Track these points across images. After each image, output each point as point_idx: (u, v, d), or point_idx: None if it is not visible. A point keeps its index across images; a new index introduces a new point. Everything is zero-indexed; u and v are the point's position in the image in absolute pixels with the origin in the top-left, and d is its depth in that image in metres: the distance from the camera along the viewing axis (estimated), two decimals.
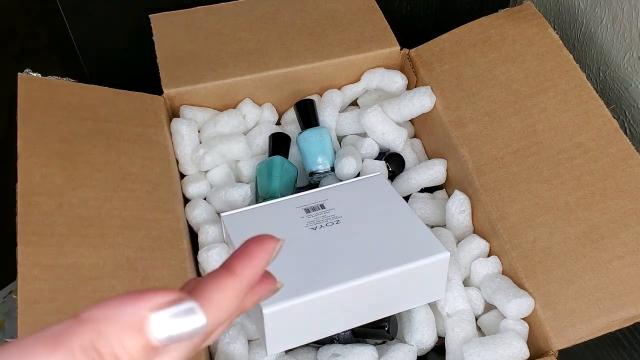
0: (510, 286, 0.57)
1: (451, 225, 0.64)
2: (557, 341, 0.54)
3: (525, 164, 0.62)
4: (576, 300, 0.55)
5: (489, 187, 0.62)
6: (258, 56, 0.72)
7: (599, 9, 0.77)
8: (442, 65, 0.71)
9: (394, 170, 0.70)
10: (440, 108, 0.68)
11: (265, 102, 0.74)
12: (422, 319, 0.58)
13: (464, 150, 0.65)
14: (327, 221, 0.58)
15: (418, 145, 0.74)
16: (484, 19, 0.73)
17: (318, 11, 0.77)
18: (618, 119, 0.76)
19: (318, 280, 0.52)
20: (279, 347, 0.53)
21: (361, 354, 0.56)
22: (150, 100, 0.68)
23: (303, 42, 0.74)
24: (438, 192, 0.70)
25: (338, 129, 0.73)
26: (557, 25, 0.85)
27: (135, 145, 0.63)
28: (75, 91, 0.65)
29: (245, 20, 0.76)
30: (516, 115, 0.65)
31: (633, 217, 0.58)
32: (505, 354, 0.54)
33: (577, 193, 0.60)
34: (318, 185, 0.68)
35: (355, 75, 0.75)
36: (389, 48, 0.74)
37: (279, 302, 0.50)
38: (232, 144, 0.68)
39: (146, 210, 0.59)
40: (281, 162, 0.66)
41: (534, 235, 0.58)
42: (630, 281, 0.55)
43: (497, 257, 0.61)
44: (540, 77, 0.67)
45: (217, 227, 0.62)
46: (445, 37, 0.73)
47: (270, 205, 0.61)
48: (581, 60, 0.81)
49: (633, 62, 0.73)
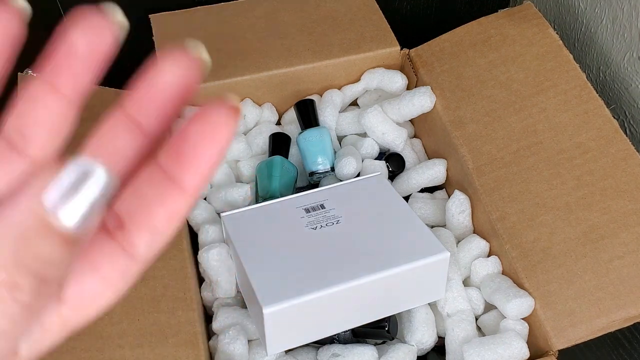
0: (510, 286, 0.57)
1: (451, 225, 0.64)
2: (557, 341, 0.54)
3: (525, 164, 0.62)
4: (576, 300, 0.55)
5: (489, 187, 0.62)
6: (258, 56, 0.72)
7: (599, 9, 0.77)
8: (442, 65, 0.71)
9: (394, 170, 0.70)
10: (440, 108, 0.68)
11: (265, 102, 0.74)
12: (422, 319, 0.58)
13: (464, 150, 0.65)
14: (327, 221, 0.58)
15: (418, 145, 0.74)
16: (484, 19, 0.73)
17: (318, 11, 0.77)
18: (618, 119, 0.76)
19: (318, 280, 0.52)
20: (279, 347, 0.53)
21: (361, 354, 0.56)
22: None
23: (303, 42, 0.74)
24: (438, 192, 0.70)
25: (338, 129, 0.73)
26: (557, 25, 0.85)
27: None
28: None
29: (245, 20, 0.76)
30: (516, 115, 0.65)
31: (633, 217, 0.58)
32: (505, 354, 0.54)
33: (577, 193, 0.60)
34: (318, 185, 0.68)
35: (355, 75, 0.75)
36: (389, 48, 0.74)
37: (279, 302, 0.50)
38: (232, 143, 0.68)
39: None
40: (281, 162, 0.66)
41: (534, 235, 0.58)
42: (630, 281, 0.55)
43: (497, 257, 0.61)
44: (540, 77, 0.67)
45: (217, 227, 0.62)
46: (445, 37, 0.73)
47: (270, 205, 0.61)
48: (581, 60, 0.81)
49: (633, 62, 0.73)
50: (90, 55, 0.19)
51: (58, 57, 0.19)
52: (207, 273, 0.60)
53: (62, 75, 0.19)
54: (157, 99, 0.20)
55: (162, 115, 0.20)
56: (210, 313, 0.60)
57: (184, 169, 0.19)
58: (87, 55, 0.19)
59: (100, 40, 0.19)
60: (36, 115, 0.19)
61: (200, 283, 0.61)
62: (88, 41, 0.19)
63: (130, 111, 0.20)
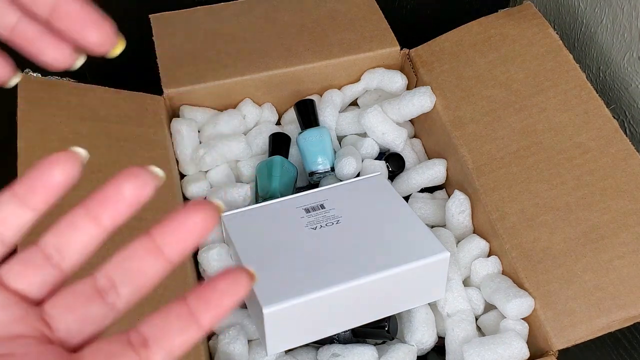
0: (510, 286, 0.57)
1: (451, 225, 0.64)
2: (557, 341, 0.54)
3: (525, 164, 0.62)
4: (576, 300, 0.55)
5: (489, 187, 0.62)
6: (258, 56, 0.72)
7: (599, 9, 0.77)
8: (442, 65, 0.71)
9: (394, 170, 0.70)
10: (440, 108, 0.68)
11: (265, 102, 0.74)
12: (422, 319, 0.58)
13: (464, 150, 0.65)
14: (327, 221, 0.58)
15: (418, 145, 0.74)
16: (484, 19, 0.73)
17: (318, 11, 0.77)
18: (618, 119, 0.76)
19: (318, 280, 0.52)
20: (279, 347, 0.53)
21: (361, 354, 0.56)
22: (150, 100, 0.68)
23: (303, 42, 0.74)
24: (438, 192, 0.70)
25: (338, 129, 0.73)
26: (557, 25, 0.85)
27: (135, 145, 0.63)
28: (75, 91, 0.65)
29: (245, 20, 0.76)
30: (516, 115, 0.65)
31: (633, 217, 0.58)
32: (505, 354, 0.54)
33: (577, 193, 0.60)
34: (318, 185, 0.68)
35: (355, 75, 0.75)
36: (389, 48, 0.74)
37: (279, 302, 0.50)
38: (232, 144, 0.68)
39: (146, 210, 0.59)
40: (281, 162, 0.66)
41: (534, 235, 0.58)
42: (630, 281, 0.55)
43: (497, 257, 0.61)
44: (540, 77, 0.67)
45: (217, 227, 0.62)
46: (445, 37, 0.73)
47: (270, 205, 0.61)
48: (581, 60, 0.81)
49: (633, 62, 0.73)
50: (134, 201, 0.25)
51: (107, 198, 0.25)
52: (207, 273, 0.60)
53: (107, 211, 0.25)
54: (182, 236, 0.25)
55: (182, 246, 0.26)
56: None
57: (207, 311, 0.25)
58: (132, 201, 0.25)
59: (144, 192, 0.25)
60: (75, 238, 0.25)
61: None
62: (136, 193, 0.25)
63: (155, 237, 0.26)
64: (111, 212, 0.25)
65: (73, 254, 0.26)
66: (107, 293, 0.26)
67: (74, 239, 0.25)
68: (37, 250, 0.25)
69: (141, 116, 0.66)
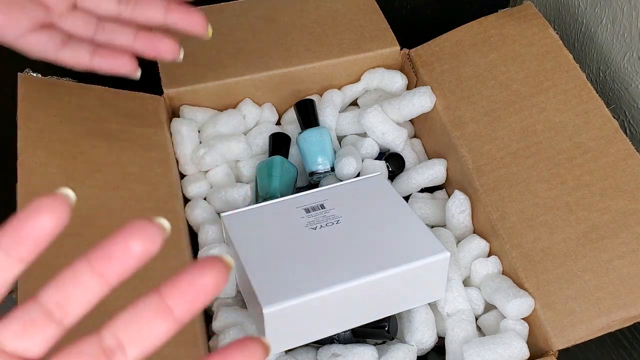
0: (510, 286, 0.57)
1: (451, 225, 0.64)
2: (557, 341, 0.54)
3: (525, 164, 0.62)
4: (576, 300, 0.55)
5: (489, 187, 0.62)
6: (258, 56, 0.72)
7: (599, 9, 0.77)
8: (442, 65, 0.71)
9: (394, 170, 0.70)
10: (440, 108, 0.68)
11: (265, 102, 0.74)
12: (422, 319, 0.58)
13: (464, 150, 0.65)
14: (327, 221, 0.58)
15: (418, 145, 0.74)
16: (484, 19, 0.73)
17: (318, 11, 0.77)
18: (618, 119, 0.76)
19: (318, 281, 0.52)
20: (279, 347, 0.53)
21: (361, 354, 0.56)
22: (150, 100, 0.68)
23: (303, 42, 0.74)
24: (438, 192, 0.70)
25: (338, 129, 0.73)
26: (557, 25, 0.85)
27: (135, 145, 0.63)
28: (75, 91, 0.65)
29: (245, 20, 0.76)
30: (516, 115, 0.65)
31: (633, 217, 0.58)
32: (505, 354, 0.54)
33: (577, 193, 0.60)
34: (318, 185, 0.68)
35: (355, 75, 0.75)
36: (389, 48, 0.74)
37: (279, 302, 0.50)
38: (232, 144, 0.68)
39: (146, 211, 0.59)
40: (281, 162, 0.66)
41: (534, 235, 0.58)
42: (630, 281, 0.55)
43: (497, 257, 0.61)
44: (540, 77, 0.67)
45: (217, 227, 0.62)
46: (445, 37, 0.73)
47: (270, 205, 0.61)
48: (581, 60, 0.81)
49: (633, 62, 0.73)
50: (142, 257, 0.24)
51: (113, 254, 0.24)
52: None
53: (113, 267, 0.24)
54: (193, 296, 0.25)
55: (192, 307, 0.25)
56: (210, 313, 0.60)
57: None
58: (140, 257, 0.24)
59: (152, 248, 0.24)
60: (78, 294, 0.24)
61: None
62: (144, 250, 0.24)
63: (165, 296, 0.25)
64: (117, 269, 0.24)
65: (76, 310, 0.25)
66: (114, 354, 0.25)
67: (78, 294, 0.24)
68: (37, 308, 0.24)
69: (141, 116, 0.66)
